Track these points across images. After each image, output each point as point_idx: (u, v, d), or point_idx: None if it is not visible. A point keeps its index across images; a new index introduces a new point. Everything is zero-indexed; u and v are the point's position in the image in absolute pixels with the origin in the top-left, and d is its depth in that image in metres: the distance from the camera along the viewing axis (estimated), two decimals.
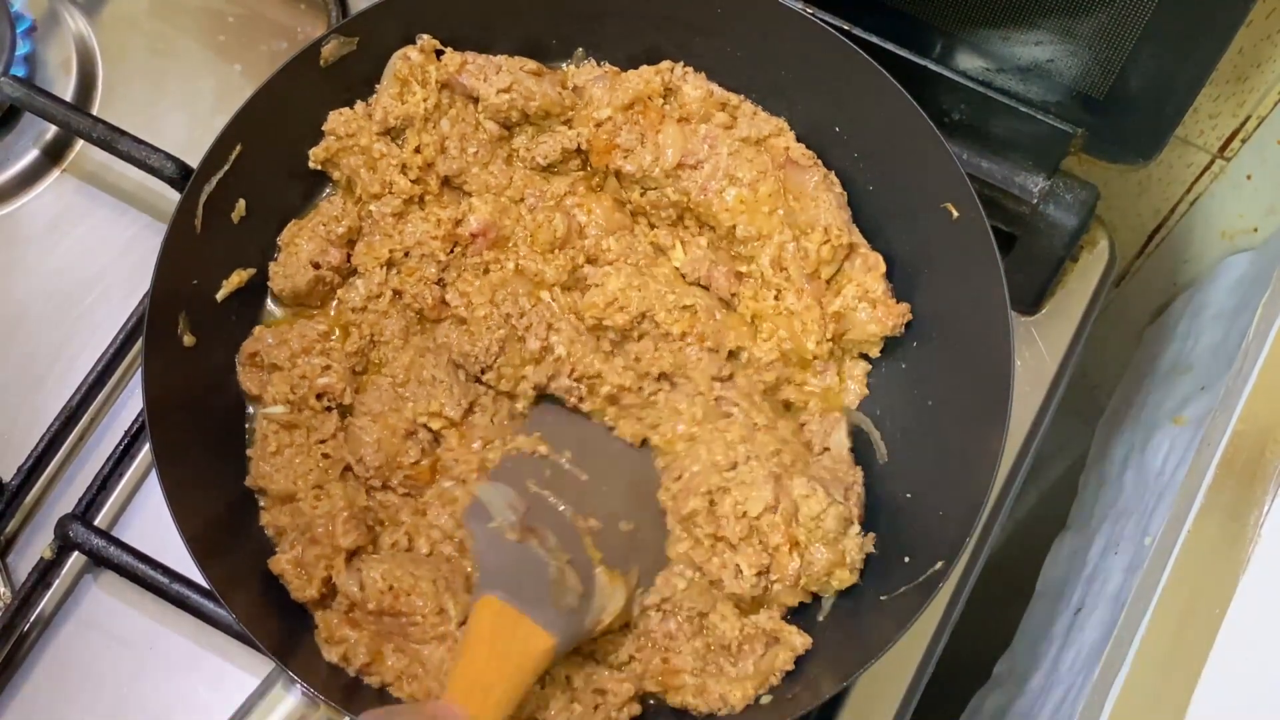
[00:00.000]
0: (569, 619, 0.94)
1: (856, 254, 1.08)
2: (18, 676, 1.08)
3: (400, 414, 1.05)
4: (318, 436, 1.04)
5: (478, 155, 1.11)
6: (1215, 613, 0.88)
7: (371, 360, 1.08)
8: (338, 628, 0.97)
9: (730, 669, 0.99)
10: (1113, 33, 1.03)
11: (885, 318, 1.06)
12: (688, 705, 0.98)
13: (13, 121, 1.27)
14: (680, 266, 1.11)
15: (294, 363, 1.04)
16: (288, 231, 1.09)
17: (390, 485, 1.05)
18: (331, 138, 1.09)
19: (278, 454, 1.03)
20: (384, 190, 1.09)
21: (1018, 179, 1.16)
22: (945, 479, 1.01)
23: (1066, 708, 1.12)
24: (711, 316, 1.08)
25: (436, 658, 0.97)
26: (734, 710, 0.97)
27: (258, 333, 1.06)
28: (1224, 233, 1.31)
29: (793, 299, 1.08)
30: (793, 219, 1.08)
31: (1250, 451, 0.95)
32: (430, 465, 1.05)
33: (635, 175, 1.10)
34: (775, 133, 1.10)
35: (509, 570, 0.96)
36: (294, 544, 0.99)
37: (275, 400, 1.04)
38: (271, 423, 1.04)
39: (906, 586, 0.97)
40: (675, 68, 1.12)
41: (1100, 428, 1.45)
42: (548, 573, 0.96)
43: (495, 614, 0.92)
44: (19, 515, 1.12)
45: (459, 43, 1.12)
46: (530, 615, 0.92)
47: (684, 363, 1.07)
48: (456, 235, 1.09)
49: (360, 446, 1.03)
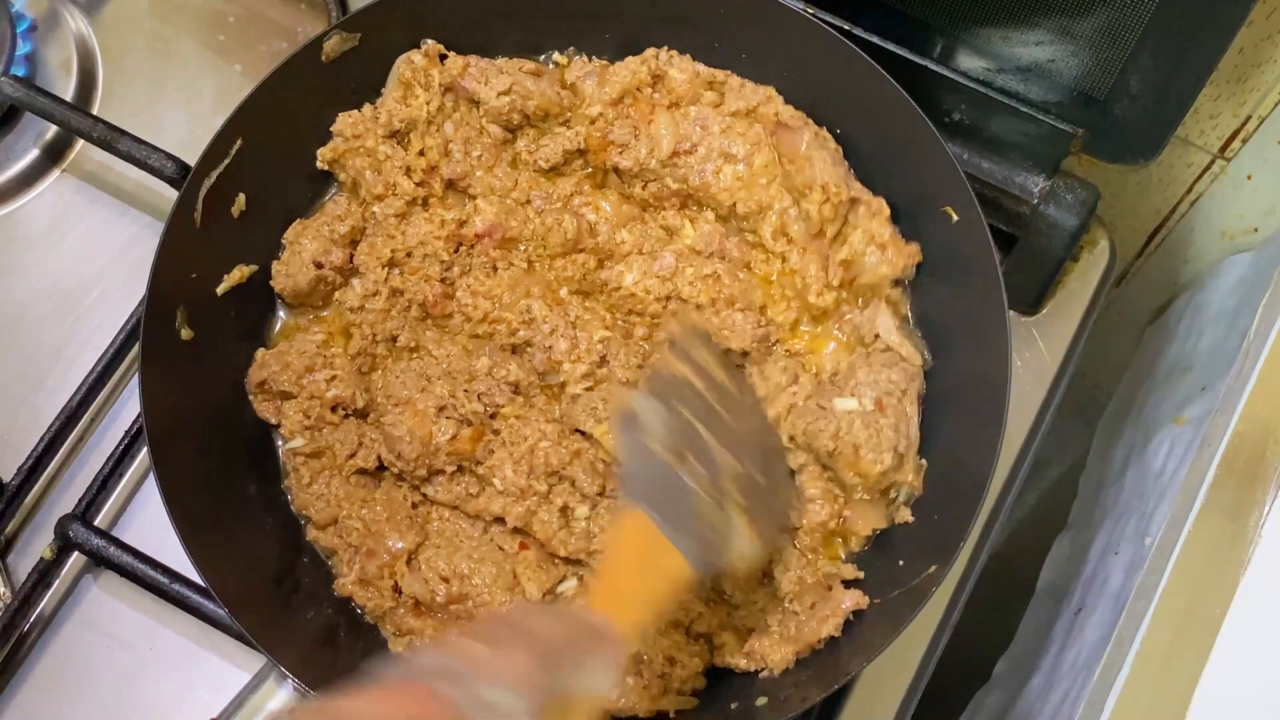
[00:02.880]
0: (708, 555, 0.90)
1: (859, 204, 1.08)
2: (18, 676, 1.08)
3: (430, 393, 1.04)
4: (346, 452, 1.04)
5: (482, 159, 1.11)
6: (1215, 613, 0.88)
7: (378, 355, 1.08)
8: (403, 619, 0.99)
9: (776, 628, 0.99)
10: (1113, 33, 1.03)
11: (895, 258, 1.05)
12: (730, 664, 0.98)
13: (13, 121, 1.27)
14: (693, 243, 1.11)
15: (301, 385, 1.04)
16: (292, 230, 1.09)
17: (438, 470, 1.04)
18: (339, 139, 1.10)
19: (312, 484, 1.04)
20: (388, 192, 1.09)
21: (1018, 179, 1.16)
22: (942, 481, 1.01)
23: (1066, 708, 1.12)
24: (734, 278, 1.08)
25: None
26: (773, 673, 0.97)
27: (260, 358, 1.06)
28: (1224, 233, 1.31)
29: (795, 258, 1.08)
30: (790, 182, 1.08)
31: (1250, 451, 0.95)
32: (472, 435, 1.03)
33: (633, 170, 1.10)
34: (764, 100, 1.11)
35: (658, 489, 0.91)
36: (351, 562, 1.01)
37: (294, 432, 1.05)
38: (298, 455, 1.05)
39: (900, 590, 0.97)
40: (660, 53, 1.12)
41: (1100, 428, 1.45)
42: (694, 503, 0.91)
43: (643, 532, 0.87)
44: (19, 515, 1.12)
45: (461, 37, 1.12)
46: (675, 542, 0.88)
47: (722, 327, 1.06)
48: (461, 235, 1.09)
49: (396, 443, 1.02)
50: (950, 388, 1.04)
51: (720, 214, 1.11)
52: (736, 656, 0.98)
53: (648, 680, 0.97)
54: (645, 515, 0.88)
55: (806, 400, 1.04)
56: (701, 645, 1.00)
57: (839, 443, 0.99)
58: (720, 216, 1.12)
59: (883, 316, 1.06)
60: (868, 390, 1.01)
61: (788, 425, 1.04)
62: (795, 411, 1.03)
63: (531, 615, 0.80)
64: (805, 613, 0.98)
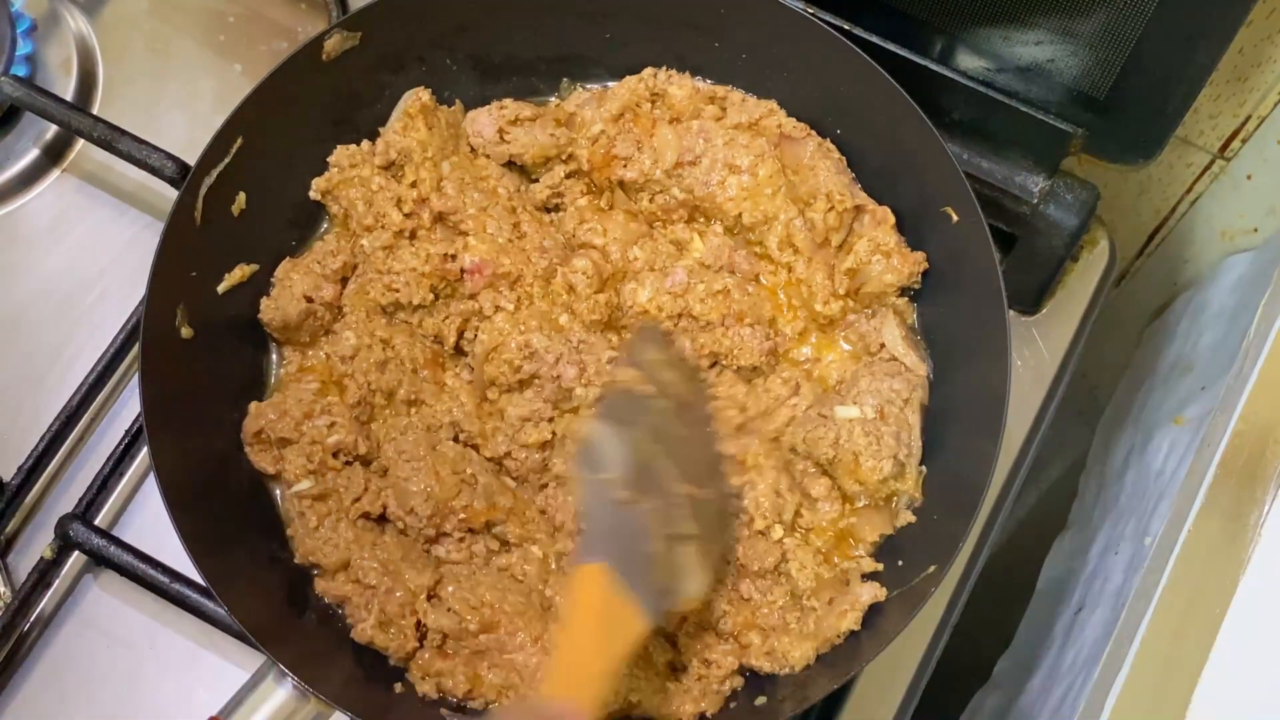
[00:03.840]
0: (663, 603, 0.90)
1: (864, 212, 1.08)
2: (18, 676, 1.08)
3: (441, 454, 1.02)
4: (351, 496, 1.02)
5: (476, 199, 1.09)
6: (1215, 613, 0.88)
7: (376, 405, 1.06)
8: (430, 662, 0.97)
9: (795, 625, 0.98)
10: (1113, 33, 1.03)
11: (901, 266, 1.05)
12: (753, 665, 0.98)
13: (13, 121, 1.27)
14: (702, 257, 1.11)
15: (301, 431, 1.02)
16: (281, 268, 1.08)
17: (445, 532, 1.01)
18: (335, 169, 1.10)
19: (319, 528, 1.01)
20: (376, 223, 1.09)
21: (1018, 179, 1.16)
22: (941, 485, 1.01)
23: (1066, 708, 1.12)
24: (744, 292, 1.08)
25: (532, 664, 0.96)
26: (793, 670, 0.97)
27: (255, 410, 1.03)
28: (1224, 233, 1.31)
29: (801, 268, 1.09)
30: (794, 192, 1.09)
31: (1250, 451, 0.95)
32: (484, 508, 1.01)
33: (639, 181, 1.10)
34: (767, 113, 1.11)
35: (617, 537, 0.90)
36: (369, 605, 0.98)
37: (298, 476, 1.02)
38: (304, 499, 1.02)
39: (899, 590, 0.97)
40: (659, 72, 1.13)
41: (1100, 428, 1.45)
42: (651, 551, 0.90)
43: (605, 587, 0.86)
44: (19, 515, 1.12)
45: (461, 37, 1.12)
46: (635, 593, 0.86)
47: (732, 346, 1.06)
48: (446, 271, 1.06)
49: (410, 498, 1.00)
50: (951, 395, 1.04)
51: (727, 225, 1.11)
52: (760, 659, 0.98)
53: (688, 684, 0.97)
54: (604, 568, 0.88)
55: (808, 410, 1.04)
56: (733, 643, 1.00)
57: (839, 450, 0.99)
58: (727, 228, 1.12)
59: (889, 325, 1.06)
60: (869, 398, 1.01)
61: (788, 436, 1.04)
62: (795, 421, 1.04)
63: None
64: (823, 608, 0.98)
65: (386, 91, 1.12)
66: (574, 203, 1.13)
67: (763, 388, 1.06)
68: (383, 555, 0.99)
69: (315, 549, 1.00)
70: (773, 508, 1.00)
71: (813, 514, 1.02)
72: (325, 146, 1.11)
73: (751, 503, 1.01)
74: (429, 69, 1.13)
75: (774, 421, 1.05)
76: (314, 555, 1.00)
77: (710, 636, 0.99)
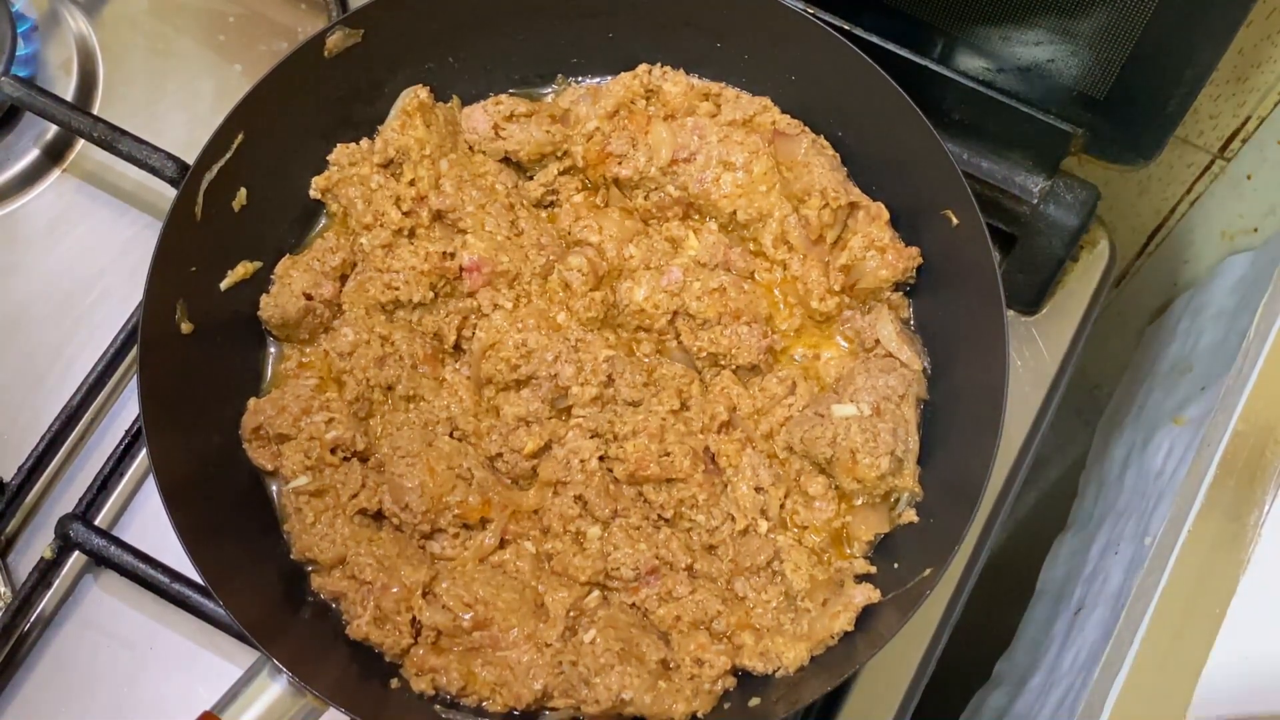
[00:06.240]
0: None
1: (858, 209, 1.08)
2: (18, 676, 1.08)
3: (438, 449, 1.02)
4: (349, 493, 1.02)
5: (475, 196, 1.09)
6: (1215, 613, 0.88)
7: (375, 401, 1.06)
8: (424, 659, 0.97)
9: (789, 626, 0.99)
10: (1113, 33, 1.03)
11: (896, 261, 1.06)
12: (746, 666, 0.98)
13: (13, 121, 1.27)
14: (697, 255, 1.11)
15: (299, 427, 1.02)
16: (281, 266, 1.08)
17: (440, 528, 1.02)
18: (334, 168, 1.10)
19: (316, 524, 1.01)
20: (375, 222, 1.09)
21: (1018, 179, 1.16)
22: (939, 486, 1.01)
23: (1066, 708, 1.12)
24: (740, 290, 1.08)
25: (525, 660, 0.97)
26: (787, 671, 0.97)
27: (253, 406, 1.04)
28: (1224, 233, 1.31)
29: (797, 265, 1.09)
30: (788, 188, 1.09)
31: (1250, 451, 0.95)
32: (479, 504, 1.02)
33: (634, 179, 1.10)
34: (761, 110, 1.11)
35: None
36: (364, 601, 0.98)
37: (296, 472, 1.02)
38: (301, 494, 1.02)
39: (895, 592, 0.97)
40: (653, 69, 1.13)
41: (1100, 428, 1.45)
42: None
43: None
44: (19, 515, 1.12)
45: (462, 37, 1.12)
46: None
47: (731, 346, 1.06)
48: (445, 269, 1.07)
49: (405, 494, 1.00)
50: (949, 393, 1.04)
51: (722, 222, 1.11)
52: (754, 659, 0.98)
53: (679, 684, 0.97)
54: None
55: (804, 409, 1.04)
56: (726, 644, 1.00)
57: (836, 449, 1.00)
58: (722, 226, 1.12)
59: (884, 321, 1.06)
60: (866, 396, 1.01)
61: (783, 435, 1.04)
62: (792, 421, 1.04)
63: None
64: (817, 609, 0.98)
65: (385, 89, 1.13)
66: (569, 199, 1.13)
67: (758, 387, 1.06)
68: (379, 551, 0.99)
69: (312, 545, 1.00)
70: (753, 505, 1.01)
71: (809, 512, 1.02)
72: (325, 144, 1.11)
73: (731, 504, 1.01)
74: (428, 66, 1.13)
75: (769, 420, 1.05)
76: (311, 551, 1.00)
77: (703, 636, 0.99)
